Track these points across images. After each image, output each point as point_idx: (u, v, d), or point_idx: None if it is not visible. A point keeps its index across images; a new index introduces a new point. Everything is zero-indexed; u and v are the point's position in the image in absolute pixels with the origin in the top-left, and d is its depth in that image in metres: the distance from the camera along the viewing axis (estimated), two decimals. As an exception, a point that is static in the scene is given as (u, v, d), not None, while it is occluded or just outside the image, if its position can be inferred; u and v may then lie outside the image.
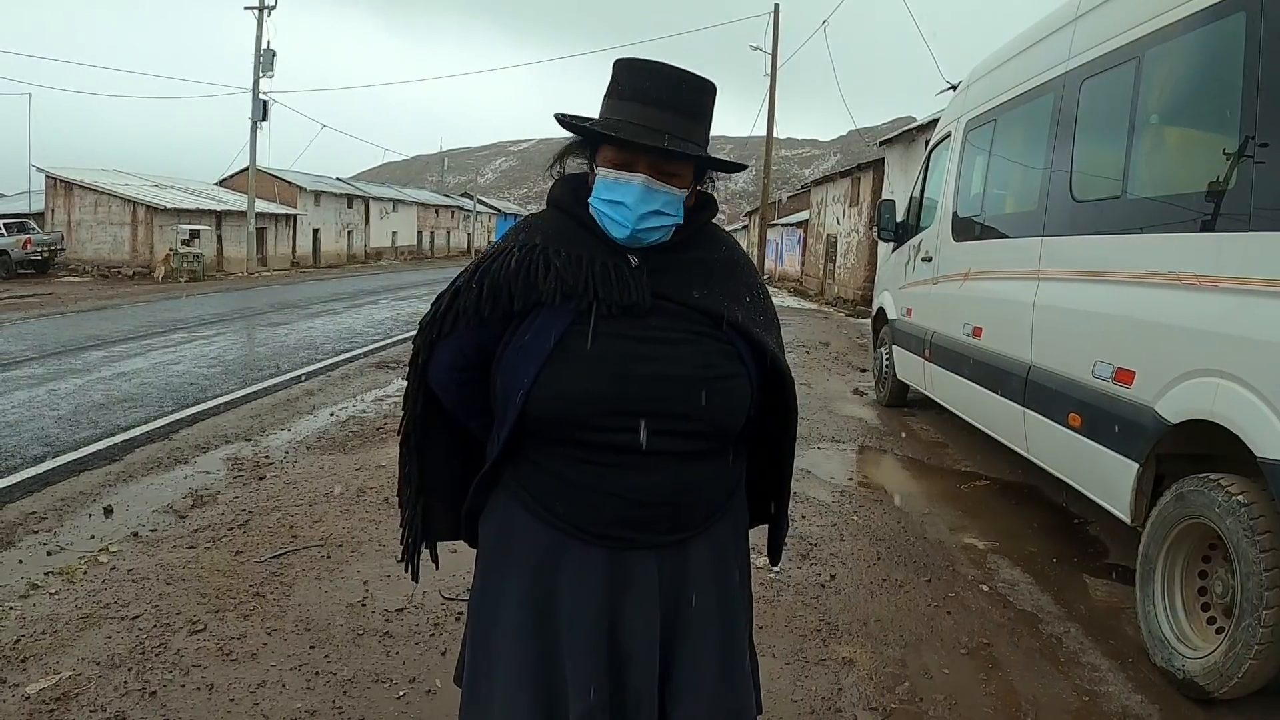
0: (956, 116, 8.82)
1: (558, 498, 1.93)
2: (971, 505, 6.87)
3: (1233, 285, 3.94)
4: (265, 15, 38.83)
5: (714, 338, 1.93)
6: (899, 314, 10.04)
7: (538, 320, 1.88)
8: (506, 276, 1.90)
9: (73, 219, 38.72)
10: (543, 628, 1.93)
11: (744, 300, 2.01)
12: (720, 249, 2.07)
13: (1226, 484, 3.90)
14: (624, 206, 1.86)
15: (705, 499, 1.97)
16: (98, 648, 4.05)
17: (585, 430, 1.86)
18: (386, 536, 5.55)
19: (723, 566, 2.02)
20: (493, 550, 2.04)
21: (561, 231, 1.96)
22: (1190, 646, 4.09)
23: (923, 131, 22.08)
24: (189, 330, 17.00)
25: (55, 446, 7.74)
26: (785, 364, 2.04)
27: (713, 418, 1.90)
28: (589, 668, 1.88)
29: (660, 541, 1.93)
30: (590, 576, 1.91)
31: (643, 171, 1.87)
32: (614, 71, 1.96)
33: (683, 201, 1.93)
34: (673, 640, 1.95)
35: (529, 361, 1.86)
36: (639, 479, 1.88)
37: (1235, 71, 4.06)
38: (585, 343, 1.85)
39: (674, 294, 1.93)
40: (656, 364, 1.86)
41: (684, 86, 1.92)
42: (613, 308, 1.87)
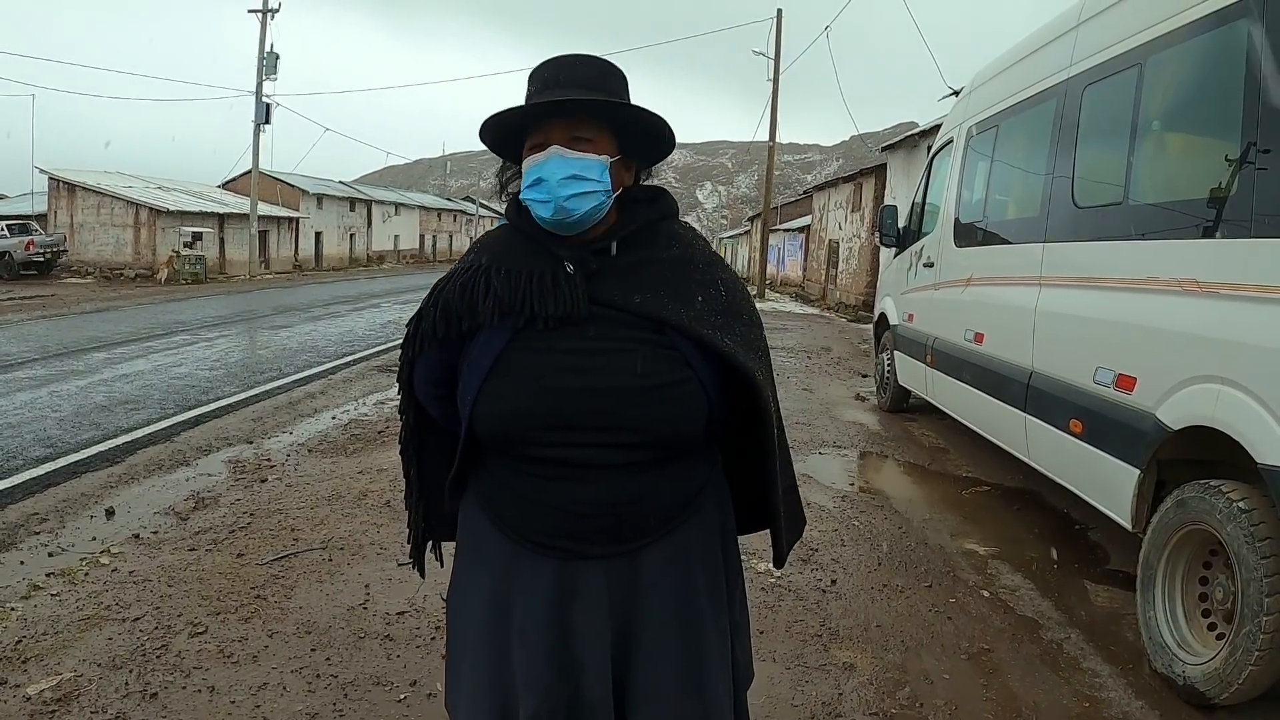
0: (959, 122, 8.82)
1: (507, 507, 1.96)
2: (973, 510, 6.87)
3: (1234, 291, 3.94)
4: (269, 18, 38.88)
5: (655, 343, 1.89)
6: (901, 319, 10.04)
7: (481, 339, 1.91)
8: (453, 300, 1.94)
9: (75, 221, 38.80)
10: (499, 630, 1.96)
11: (694, 301, 1.94)
12: (671, 247, 2.02)
13: (1227, 490, 3.90)
14: (544, 182, 1.85)
15: (654, 509, 1.93)
16: (99, 649, 4.05)
17: (524, 445, 1.88)
18: (388, 540, 5.56)
19: (683, 574, 1.97)
20: (463, 551, 2.09)
21: (508, 247, 1.99)
22: (1191, 652, 4.09)
23: (925, 137, 22.10)
24: (191, 332, 17.03)
25: (57, 448, 7.75)
26: (747, 362, 1.95)
27: (652, 428, 1.87)
28: (534, 675, 1.89)
29: (608, 552, 1.91)
30: (539, 586, 1.92)
31: (555, 143, 1.87)
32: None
33: (607, 168, 1.89)
34: (628, 649, 1.93)
35: (473, 379, 1.90)
36: (577, 491, 1.88)
37: (1237, 78, 4.07)
38: (518, 360, 1.87)
39: (614, 300, 1.90)
40: (590, 376, 1.84)
41: (578, 64, 1.96)
42: (548, 320, 1.86)
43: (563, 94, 1.87)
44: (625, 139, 1.96)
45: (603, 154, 1.90)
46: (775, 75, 34.98)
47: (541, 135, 1.89)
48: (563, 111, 1.88)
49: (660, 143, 2.02)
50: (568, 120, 1.88)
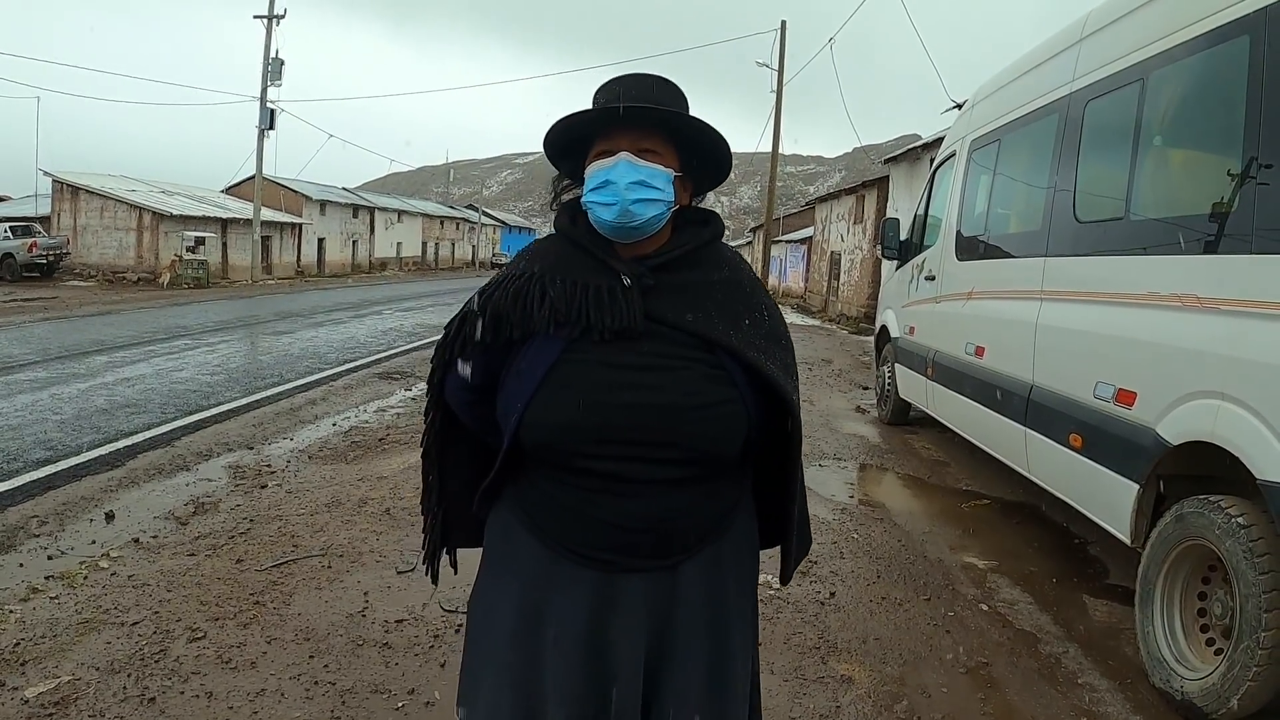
0: (961, 135, 8.84)
1: (549, 517, 1.97)
2: (972, 524, 6.86)
3: (1234, 307, 3.95)
4: (274, 25, 38.97)
5: (705, 362, 1.92)
6: (902, 332, 10.05)
7: (533, 348, 1.92)
8: (506, 306, 1.94)
9: (79, 223, 38.84)
10: (530, 638, 1.96)
11: (743, 323, 1.98)
12: (722, 269, 2.05)
13: (1226, 506, 3.90)
14: (611, 184, 1.88)
15: (694, 524, 1.96)
16: (97, 653, 4.05)
17: (571, 457, 1.89)
18: (387, 547, 5.56)
19: (716, 587, 2.01)
20: (492, 558, 2.09)
21: (561, 258, 1.99)
22: (1189, 668, 4.09)
23: (927, 150, 22.12)
24: (193, 337, 17.03)
25: (58, 451, 7.75)
26: (786, 387, 1.99)
27: (697, 445, 1.89)
28: (568, 683, 1.91)
29: (647, 566, 1.94)
30: (579, 596, 1.93)
31: (624, 150, 1.90)
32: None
33: (670, 181, 1.94)
34: (660, 656, 1.96)
35: (523, 389, 1.90)
36: (622, 505, 1.90)
37: (1238, 94, 4.08)
38: (573, 371, 1.88)
39: (667, 317, 1.92)
40: (641, 392, 1.86)
41: (649, 81, 2.00)
42: (604, 333, 1.88)
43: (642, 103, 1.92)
44: (686, 158, 2.00)
45: (668, 167, 1.94)
46: (779, 86, 35.06)
47: (610, 143, 1.92)
48: (634, 121, 1.92)
49: (718, 169, 2.07)
50: (637, 131, 1.92)
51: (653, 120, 1.93)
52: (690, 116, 1.96)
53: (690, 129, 1.97)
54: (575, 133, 1.97)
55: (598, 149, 1.94)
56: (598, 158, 1.93)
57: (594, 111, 1.94)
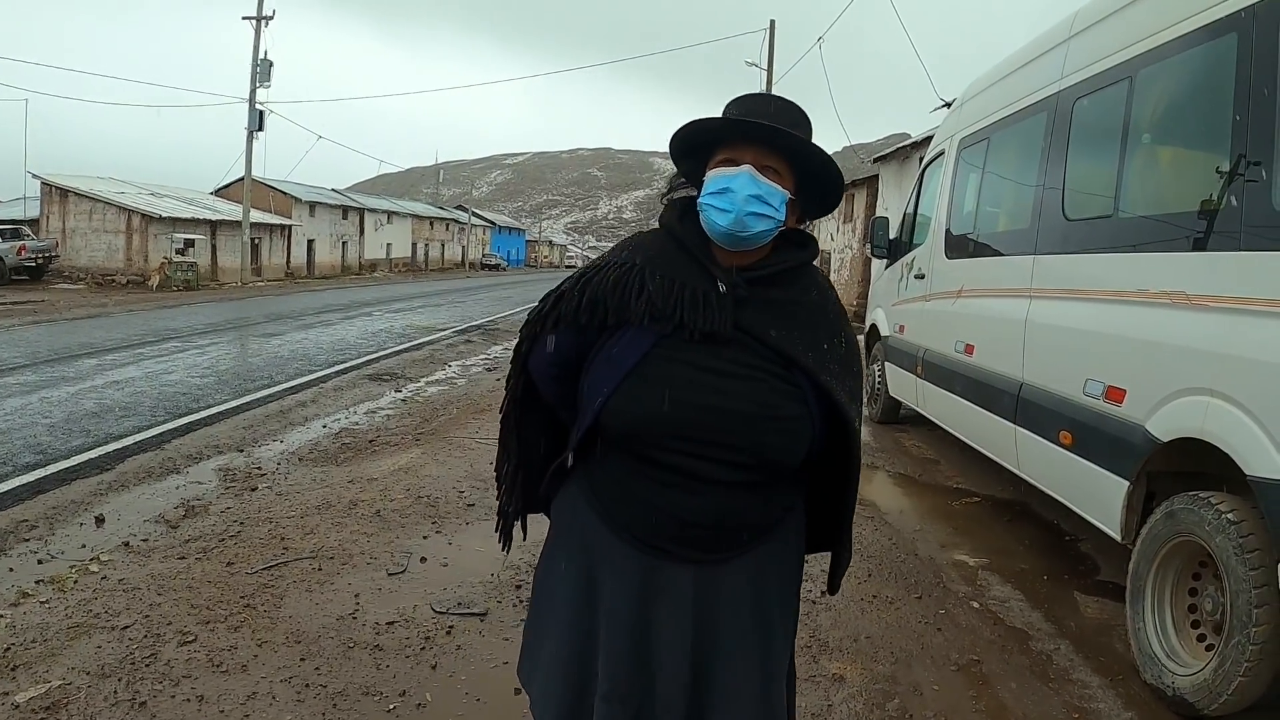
0: (950, 134, 8.85)
1: (614, 500, 2.08)
2: (963, 522, 6.88)
3: (1223, 304, 3.96)
4: (263, 26, 38.91)
5: (782, 378, 2.00)
6: (891, 330, 10.06)
7: (625, 337, 2.01)
8: (604, 291, 2.03)
9: (68, 226, 38.71)
10: (585, 613, 2.09)
11: (821, 346, 2.06)
12: (811, 292, 2.14)
13: (1216, 502, 3.92)
14: (730, 193, 1.95)
15: (748, 525, 2.05)
16: (88, 657, 4.04)
17: (646, 446, 1.99)
18: (378, 549, 5.55)
19: (762, 589, 2.09)
20: (558, 532, 2.21)
21: (662, 253, 2.08)
22: (1180, 663, 4.10)
23: (916, 149, 22.13)
24: (183, 339, 16.99)
25: (47, 454, 7.72)
26: (850, 413, 2.07)
27: (764, 455, 1.98)
28: (615, 658, 2.02)
29: (699, 558, 2.03)
30: (629, 577, 2.04)
31: (748, 163, 1.97)
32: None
33: (785, 202, 2.01)
34: (709, 656, 2.04)
35: (610, 375, 1.99)
36: (686, 499, 1.99)
37: (1226, 91, 4.10)
38: (661, 366, 1.97)
39: (754, 329, 2.00)
40: (721, 396, 1.95)
41: (782, 104, 2.08)
42: (694, 334, 1.97)
43: (769, 119, 1.99)
44: (800, 183, 2.07)
45: (785, 189, 2.01)
46: (768, 86, 35.08)
47: (735, 153, 2.00)
48: (762, 139, 1.99)
49: (828, 197, 2.15)
50: (763, 148, 2.00)
51: (780, 142, 2.00)
52: (815, 147, 2.03)
53: (813, 159, 2.04)
54: (704, 137, 2.05)
55: (722, 156, 2.01)
56: (721, 164, 2.01)
57: (730, 121, 2.01)
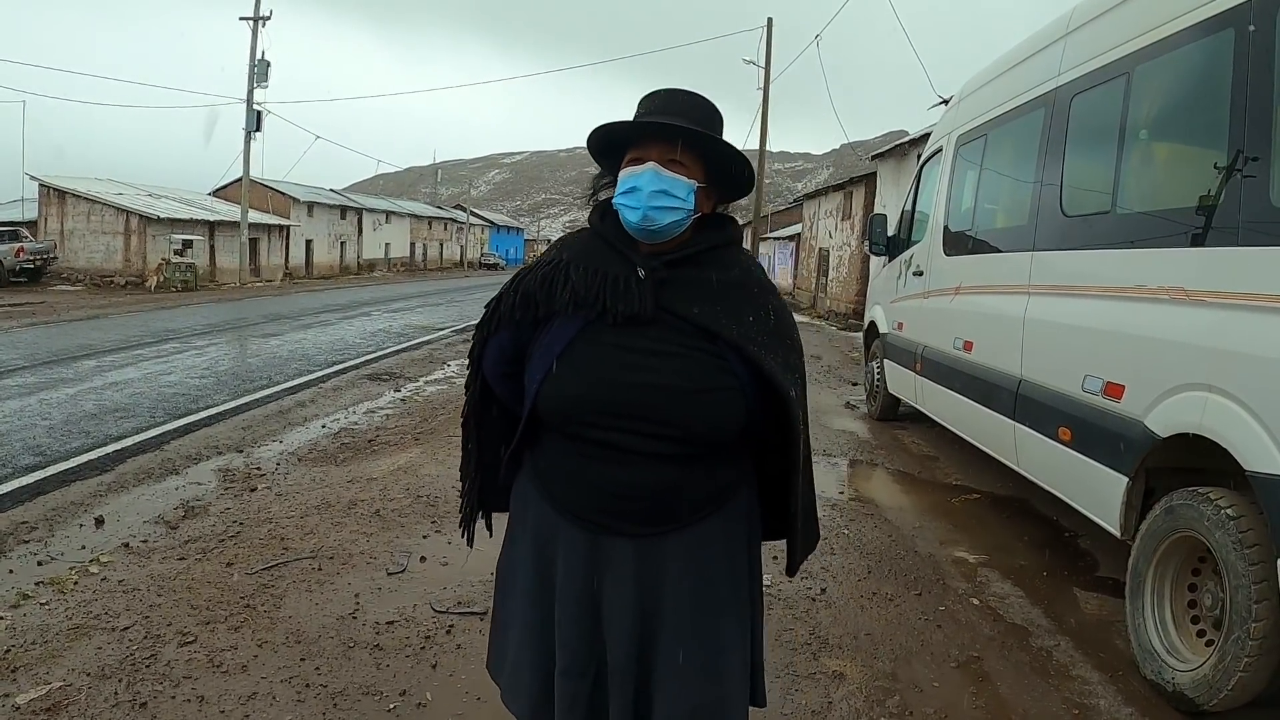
0: (948, 131, 8.85)
1: (556, 481, 2.19)
2: (962, 519, 6.88)
3: (1221, 300, 3.96)
4: (260, 26, 38.86)
5: (707, 352, 2.08)
6: (890, 328, 10.06)
7: (554, 326, 2.13)
8: (534, 287, 2.17)
9: (66, 228, 38.63)
10: (544, 594, 2.20)
11: (746, 319, 2.13)
12: (733, 270, 2.20)
13: (1215, 497, 3.92)
14: (637, 191, 2.07)
15: (684, 498, 2.13)
16: (88, 658, 4.04)
17: (579, 426, 2.10)
18: (378, 549, 5.55)
19: (707, 561, 2.16)
20: (514, 520, 2.33)
21: (587, 249, 2.20)
22: (1180, 659, 4.10)
23: (915, 146, 22.15)
24: (181, 340, 16.98)
25: (47, 456, 7.72)
26: (783, 380, 2.14)
27: (692, 426, 2.06)
28: (569, 635, 2.14)
29: (638, 531, 2.12)
30: (577, 554, 2.14)
31: (653, 159, 2.08)
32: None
33: (694, 192, 2.11)
34: (653, 626, 2.13)
35: (543, 362, 2.12)
36: (618, 473, 2.09)
37: (1224, 87, 4.10)
38: (587, 349, 2.09)
39: (676, 308, 2.10)
40: (645, 373, 2.05)
41: (687, 99, 2.19)
42: (617, 317, 2.07)
43: (671, 120, 2.11)
44: (712, 171, 2.18)
45: (692, 179, 2.12)
46: (765, 84, 35.06)
47: (642, 151, 2.12)
48: (666, 134, 2.11)
49: (741, 183, 2.25)
50: (668, 143, 2.11)
51: (682, 135, 2.10)
52: (712, 137, 2.13)
53: (714, 148, 2.14)
54: (613, 139, 2.18)
55: (631, 155, 2.13)
56: (630, 164, 2.12)
57: (629, 124, 2.13)
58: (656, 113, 2.15)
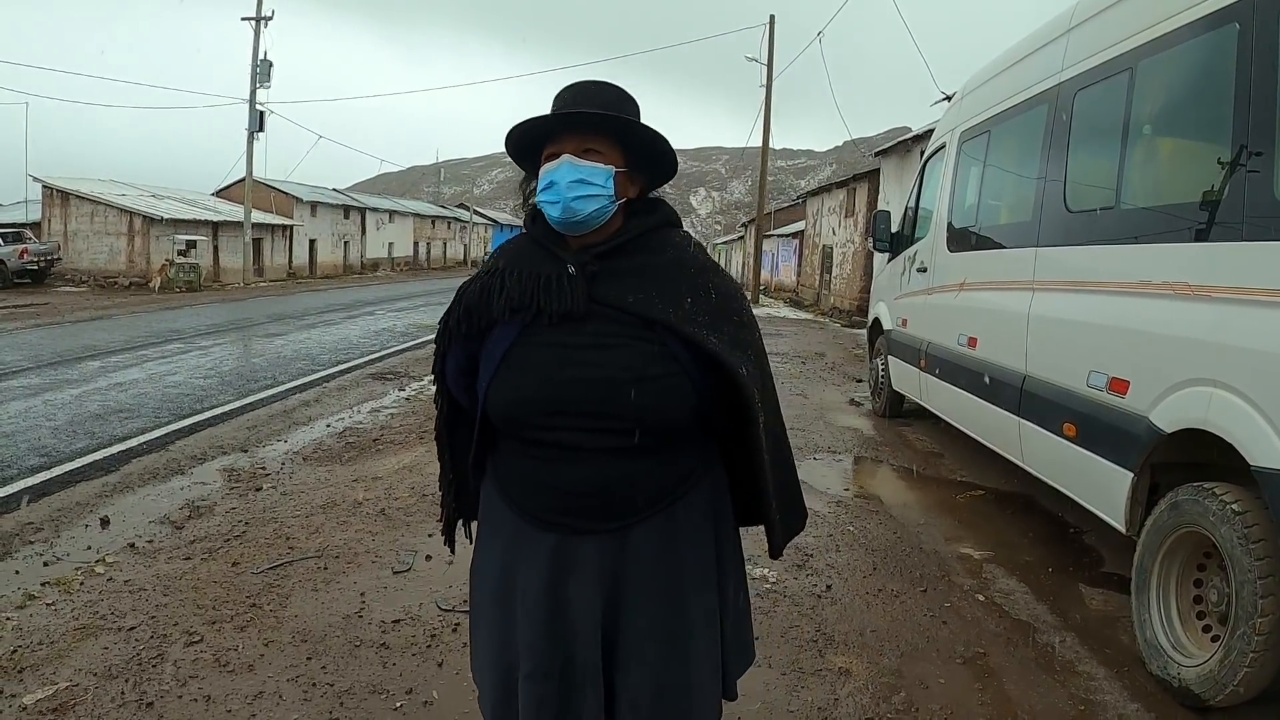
0: (951, 127, 8.84)
1: (513, 486, 2.18)
2: (967, 515, 6.88)
3: (1226, 295, 3.95)
4: (262, 26, 38.89)
5: (645, 340, 2.06)
6: (894, 324, 10.06)
7: (495, 334, 2.13)
8: (473, 299, 2.16)
9: (69, 229, 38.71)
10: (507, 598, 2.17)
11: (685, 302, 2.11)
12: (666, 252, 2.18)
13: (1221, 493, 3.91)
14: (555, 185, 2.05)
15: (641, 490, 2.10)
16: (95, 658, 4.05)
17: (526, 428, 2.09)
18: (383, 548, 5.56)
19: (670, 551, 2.13)
20: (481, 526, 2.32)
21: (521, 253, 2.19)
22: (1186, 655, 4.10)
23: (918, 142, 22.14)
24: (185, 341, 17.01)
25: (52, 457, 7.74)
26: (729, 358, 2.10)
27: (638, 416, 2.03)
28: (533, 637, 2.10)
29: (599, 528, 2.10)
30: (539, 559, 2.11)
31: (568, 152, 2.07)
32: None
33: (612, 177, 2.09)
34: (616, 619, 2.11)
35: (487, 370, 2.13)
36: (570, 472, 2.08)
37: (1228, 82, 4.09)
38: (526, 352, 2.08)
39: (610, 299, 2.08)
40: (583, 368, 2.03)
41: (595, 88, 2.18)
42: (552, 316, 2.06)
43: (585, 107, 2.11)
44: (632, 156, 2.16)
45: (609, 164, 2.10)
46: (768, 81, 35.04)
47: (557, 146, 2.10)
48: (575, 125, 2.10)
49: (664, 163, 2.22)
50: (581, 134, 2.10)
51: (592, 123, 2.10)
52: (619, 117, 2.11)
53: (625, 130, 2.13)
54: (529, 139, 2.16)
55: (548, 151, 2.12)
56: (548, 159, 2.11)
57: (539, 119, 2.11)
58: (570, 105, 2.14)
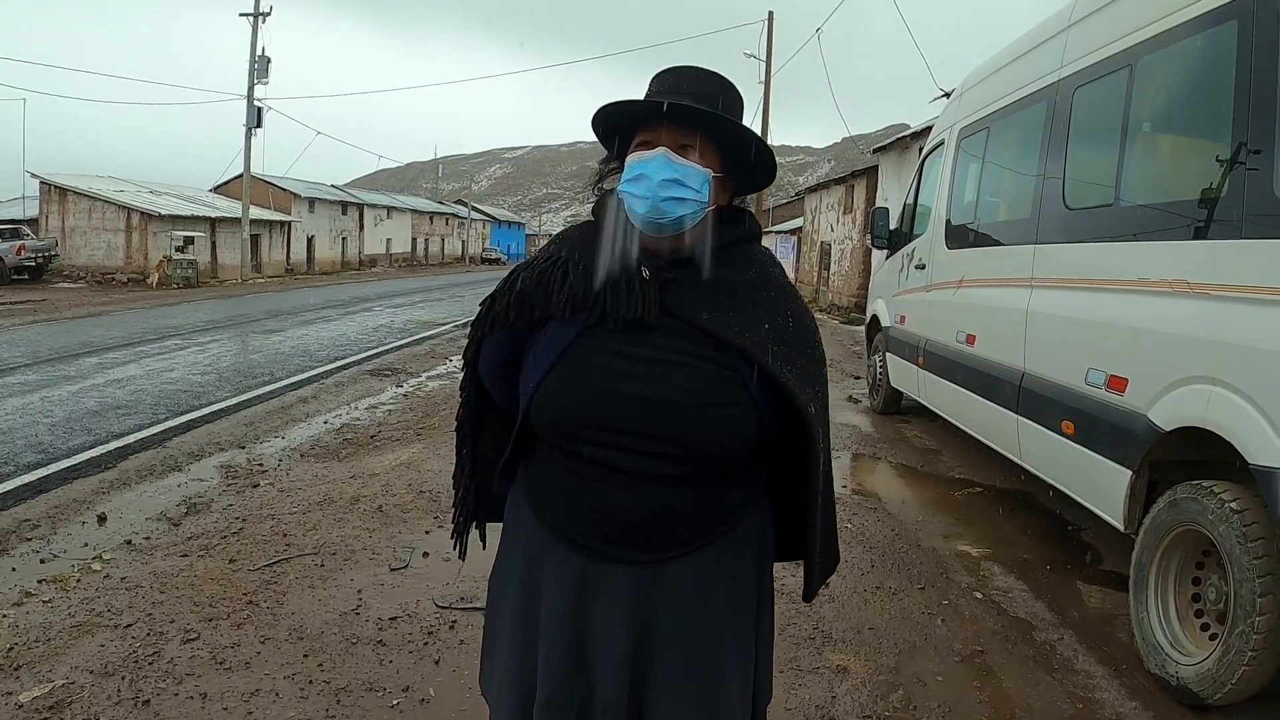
0: (950, 124, 8.83)
1: (548, 499, 1.99)
2: (965, 512, 6.87)
3: (1224, 292, 3.95)
4: (260, 22, 38.83)
5: (716, 362, 1.88)
6: (893, 321, 10.05)
7: (551, 330, 1.93)
8: (530, 287, 1.96)
9: (67, 225, 38.69)
10: (530, 615, 1.99)
11: (761, 327, 1.93)
12: (748, 271, 2.02)
13: (1219, 491, 3.91)
14: (645, 178, 1.86)
15: (687, 523, 1.93)
16: (91, 656, 4.04)
17: (572, 440, 1.90)
18: (380, 545, 5.55)
19: (708, 591, 1.96)
20: (506, 535, 2.13)
21: (588, 244, 1.98)
22: (1184, 653, 4.10)
23: (916, 139, 22.11)
24: (183, 337, 16.99)
25: (49, 453, 7.72)
26: (800, 394, 1.92)
27: (697, 445, 1.86)
28: (552, 664, 1.92)
29: (634, 558, 1.92)
30: (565, 578, 1.94)
31: (664, 144, 1.89)
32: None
33: (709, 182, 1.91)
34: (647, 661, 1.93)
35: (537, 369, 1.91)
36: (614, 495, 1.89)
37: (1227, 79, 4.08)
38: (583, 356, 1.88)
39: (684, 313, 1.90)
40: (647, 384, 1.85)
41: (702, 77, 1.99)
42: (618, 322, 1.87)
43: (685, 101, 1.90)
44: (730, 159, 1.98)
45: (707, 167, 1.92)
46: (767, 78, 35.03)
47: (652, 134, 1.92)
48: (680, 117, 1.90)
49: (762, 172, 2.06)
50: (680, 127, 1.91)
51: (695, 118, 1.91)
52: (731, 121, 1.94)
53: (732, 133, 1.95)
54: (621, 119, 1.97)
55: (640, 139, 1.94)
56: (639, 148, 1.92)
57: (638, 103, 1.93)
58: (670, 92, 1.94)
